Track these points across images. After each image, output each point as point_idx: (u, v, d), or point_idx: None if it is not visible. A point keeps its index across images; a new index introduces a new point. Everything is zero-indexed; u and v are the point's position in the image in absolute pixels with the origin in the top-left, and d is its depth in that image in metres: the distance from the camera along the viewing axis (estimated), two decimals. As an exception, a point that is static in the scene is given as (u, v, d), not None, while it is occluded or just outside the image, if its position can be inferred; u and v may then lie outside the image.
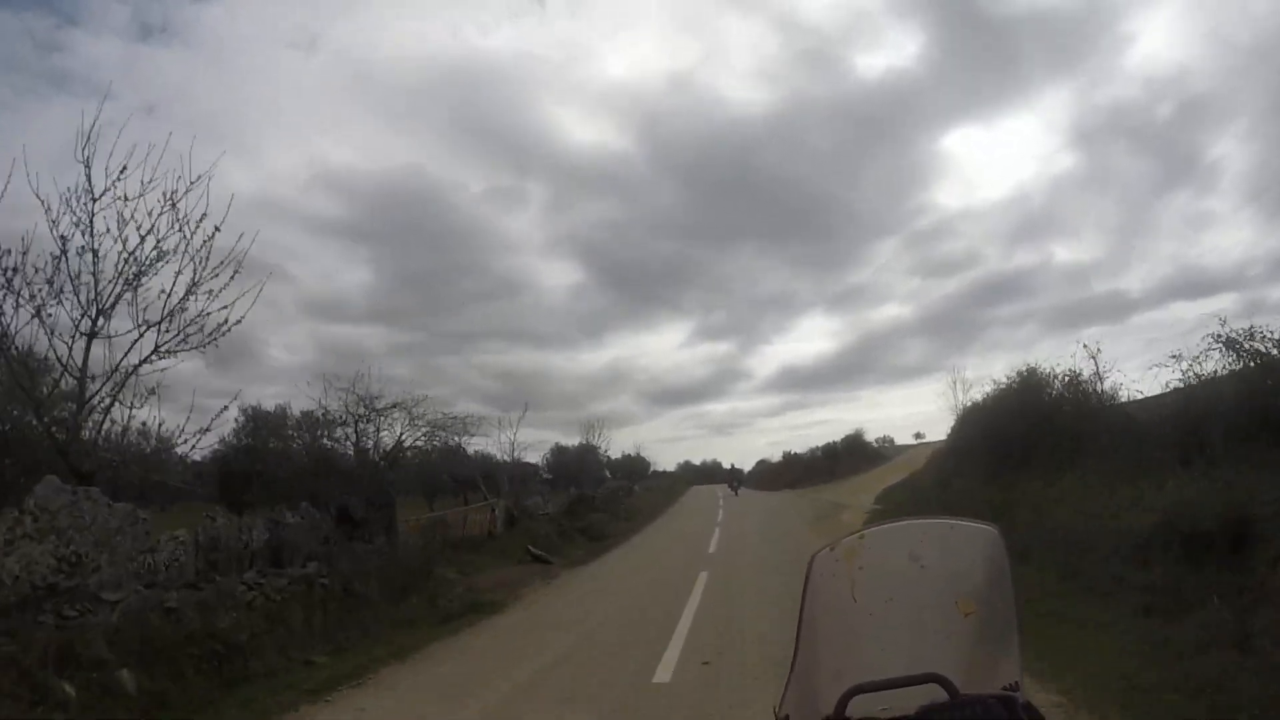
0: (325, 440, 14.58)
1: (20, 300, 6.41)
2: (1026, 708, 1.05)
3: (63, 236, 6.71)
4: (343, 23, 65.25)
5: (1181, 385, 9.09)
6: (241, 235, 7.95)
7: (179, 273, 7.02)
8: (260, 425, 15.36)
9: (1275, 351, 7.78)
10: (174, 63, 53.76)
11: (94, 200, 6.81)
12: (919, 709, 1.03)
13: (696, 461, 63.75)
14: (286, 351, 50.45)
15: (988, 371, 72.01)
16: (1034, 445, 10.71)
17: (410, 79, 67.57)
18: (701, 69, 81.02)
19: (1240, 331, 8.59)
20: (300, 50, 61.48)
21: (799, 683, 1.20)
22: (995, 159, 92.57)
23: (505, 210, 76.18)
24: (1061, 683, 4.40)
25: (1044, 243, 79.08)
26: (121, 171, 6.77)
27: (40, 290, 6.42)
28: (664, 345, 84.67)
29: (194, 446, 7.76)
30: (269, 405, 18.45)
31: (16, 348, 6.59)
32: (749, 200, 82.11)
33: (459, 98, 70.53)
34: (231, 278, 7.26)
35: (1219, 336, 8.53)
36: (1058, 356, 17.04)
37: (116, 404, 6.89)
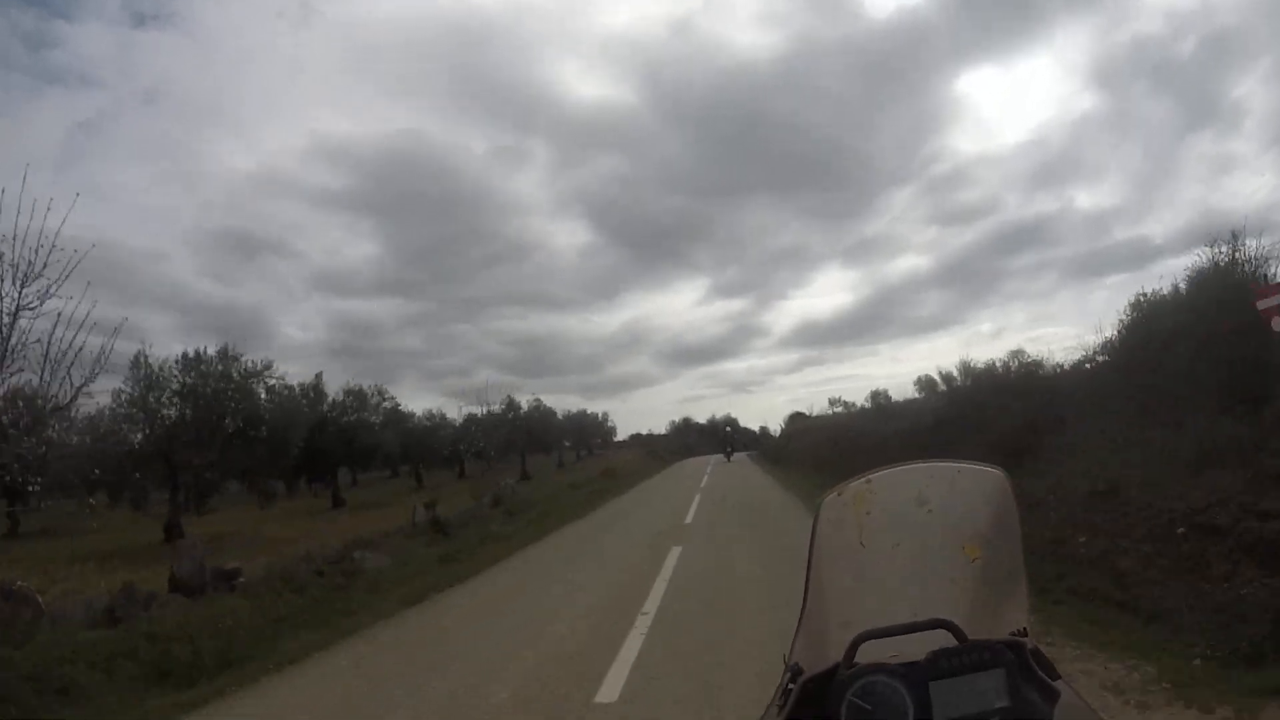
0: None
1: None
2: (1035, 653, 1.04)
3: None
4: None
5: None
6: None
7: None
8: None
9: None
10: (169, 48, 51.46)
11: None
12: (928, 654, 1.03)
13: (700, 419, 58.46)
14: (300, 329, 50.43)
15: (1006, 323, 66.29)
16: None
17: (404, 40, 62.43)
18: (703, 13, 75.15)
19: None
20: (291, 20, 57.87)
21: (808, 630, 1.18)
22: (1013, 101, 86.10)
23: (511, 171, 72.40)
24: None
25: (1064, 188, 74.57)
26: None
27: None
28: (680, 304, 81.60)
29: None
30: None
31: None
32: (759, 150, 77.28)
33: (455, 57, 65.40)
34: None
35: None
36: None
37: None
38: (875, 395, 27.04)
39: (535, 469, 32.39)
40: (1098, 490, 6.10)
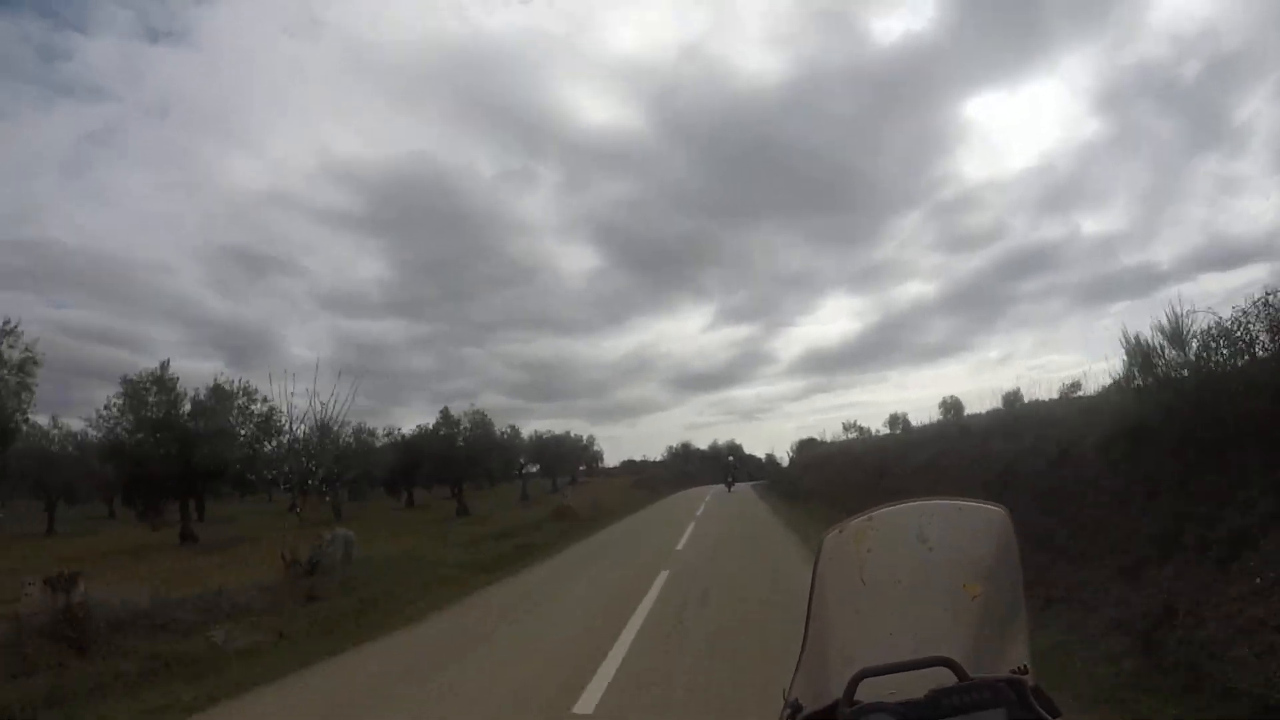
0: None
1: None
2: (1036, 691, 1.07)
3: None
4: (343, 7, 62.34)
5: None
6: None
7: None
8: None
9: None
10: (181, 64, 51.46)
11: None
12: (928, 692, 1.06)
13: (702, 445, 58.35)
14: (307, 348, 50.69)
15: (1013, 349, 68.19)
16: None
17: (414, 61, 65.81)
18: (713, 37, 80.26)
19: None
20: (302, 39, 61.57)
21: (808, 666, 1.24)
22: (1019, 125, 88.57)
23: (518, 194, 76.75)
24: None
25: (1071, 213, 76.02)
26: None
27: None
28: (687, 329, 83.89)
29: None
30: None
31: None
32: (767, 174, 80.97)
33: (465, 78, 69.63)
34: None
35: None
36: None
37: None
38: (894, 420, 26.04)
39: (491, 502, 29.91)
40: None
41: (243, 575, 9.33)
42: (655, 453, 56.10)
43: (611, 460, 51.01)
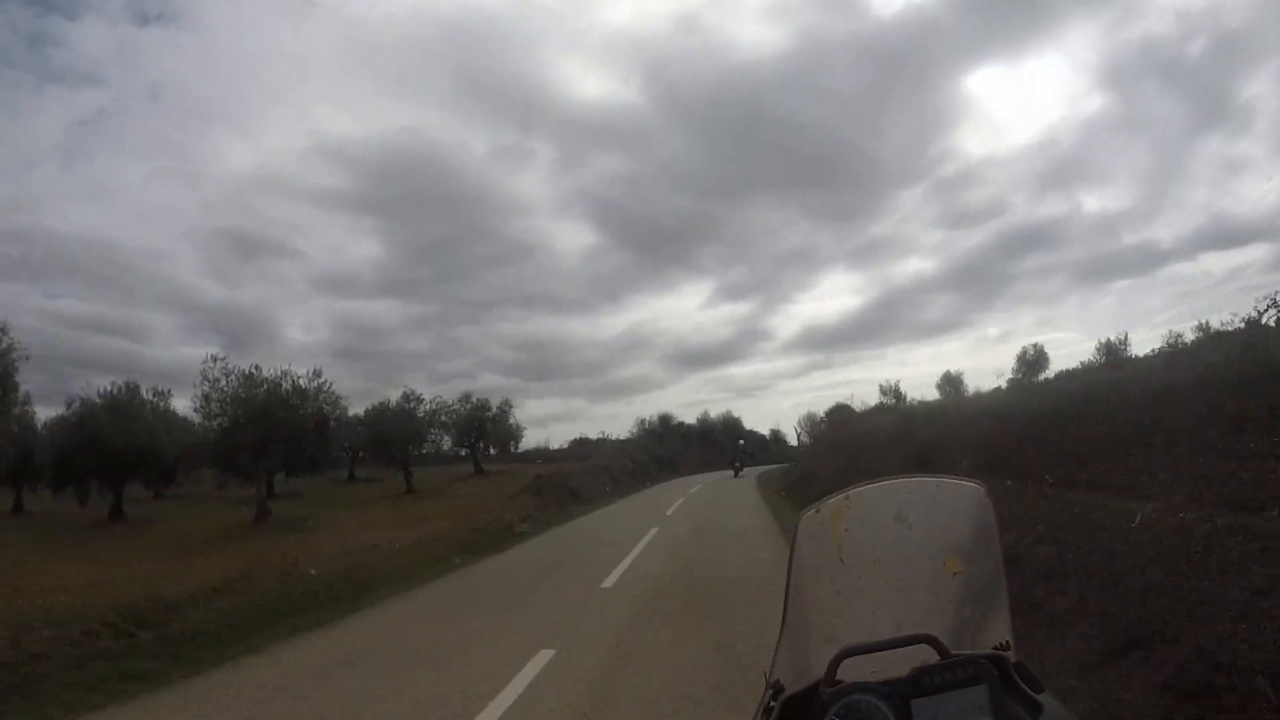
0: None
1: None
2: (1018, 667, 1.11)
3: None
4: None
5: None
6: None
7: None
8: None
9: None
10: (171, 47, 49.10)
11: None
12: (911, 670, 1.08)
13: (689, 419, 52.07)
14: (303, 331, 50.15)
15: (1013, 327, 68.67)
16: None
17: (405, 38, 62.42)
18: (709, 9, 77.42)
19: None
20: (293, 17, 56.10)
21: (788, 647, 1.27)
22: (1021, 101, 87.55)
23: (513, 171, 74.66)
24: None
25: (1072, 190, 76.56)
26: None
27: None
28: (684, 307, 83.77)
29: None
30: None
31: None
32: (765, 149, 78.93)
33: (456, 55, 66.50)
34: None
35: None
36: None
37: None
38: (949, 379, 25.95)
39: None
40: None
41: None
42: (623, 429, 43.72)
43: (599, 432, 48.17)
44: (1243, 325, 8.97)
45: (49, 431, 20.36)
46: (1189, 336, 13.10)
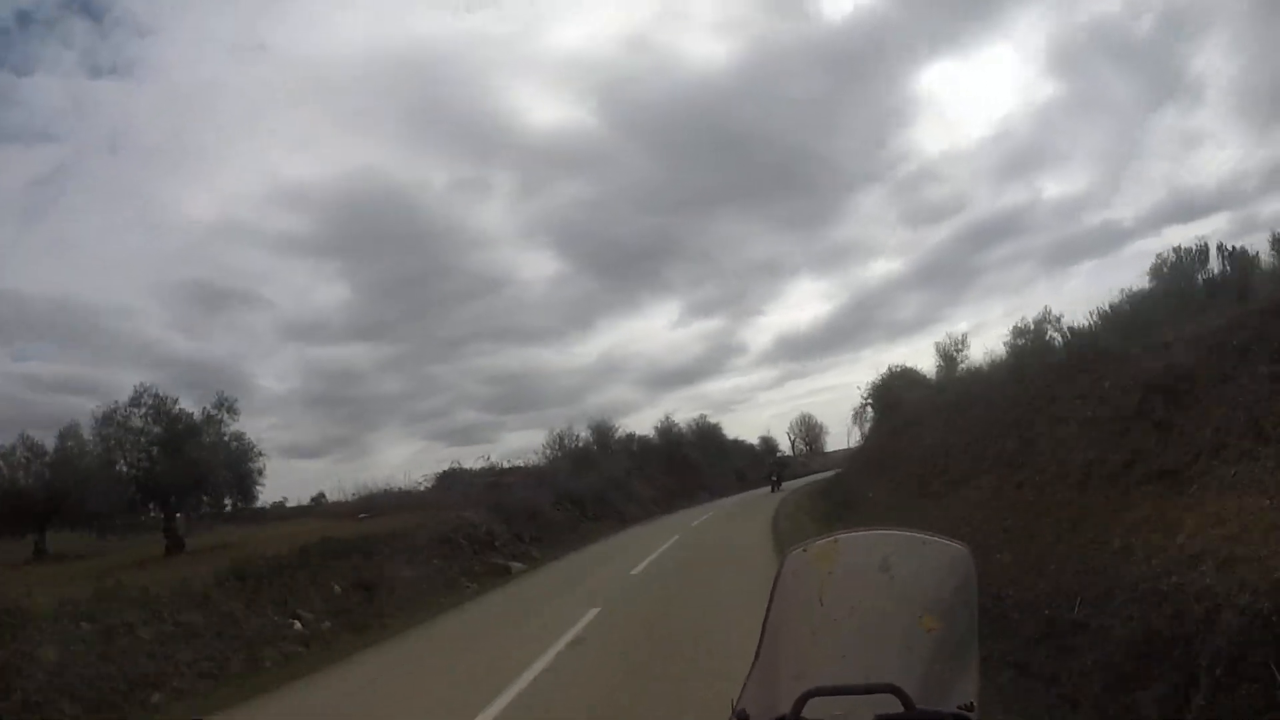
0: None
1: None
2: None
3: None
4: (286, 27, 63.54)
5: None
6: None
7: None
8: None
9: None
10: (126, 98, 54.37)
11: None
12: (875, 717, 1.17)
13: (644, 431, 41.80)
14: (276, 380, 48.00)
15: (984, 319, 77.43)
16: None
17: (356, 75, 65.71)
18: (658, 26, 78.83)
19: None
20: (246, 63, 60.08)
21: (759, 679, 1.34)
22: (975, 94, 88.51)
23: (474, 203, 75.46)
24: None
25: (1032, 178, 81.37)
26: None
27: None
28: (655, 327, 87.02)
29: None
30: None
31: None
32: (724, 161, 79.42)
33: (410, 89, 68.54)
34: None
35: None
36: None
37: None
38: (1045, 321, 16.95)
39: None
40: None
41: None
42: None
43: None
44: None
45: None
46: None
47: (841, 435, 62.68)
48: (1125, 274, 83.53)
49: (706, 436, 43.31)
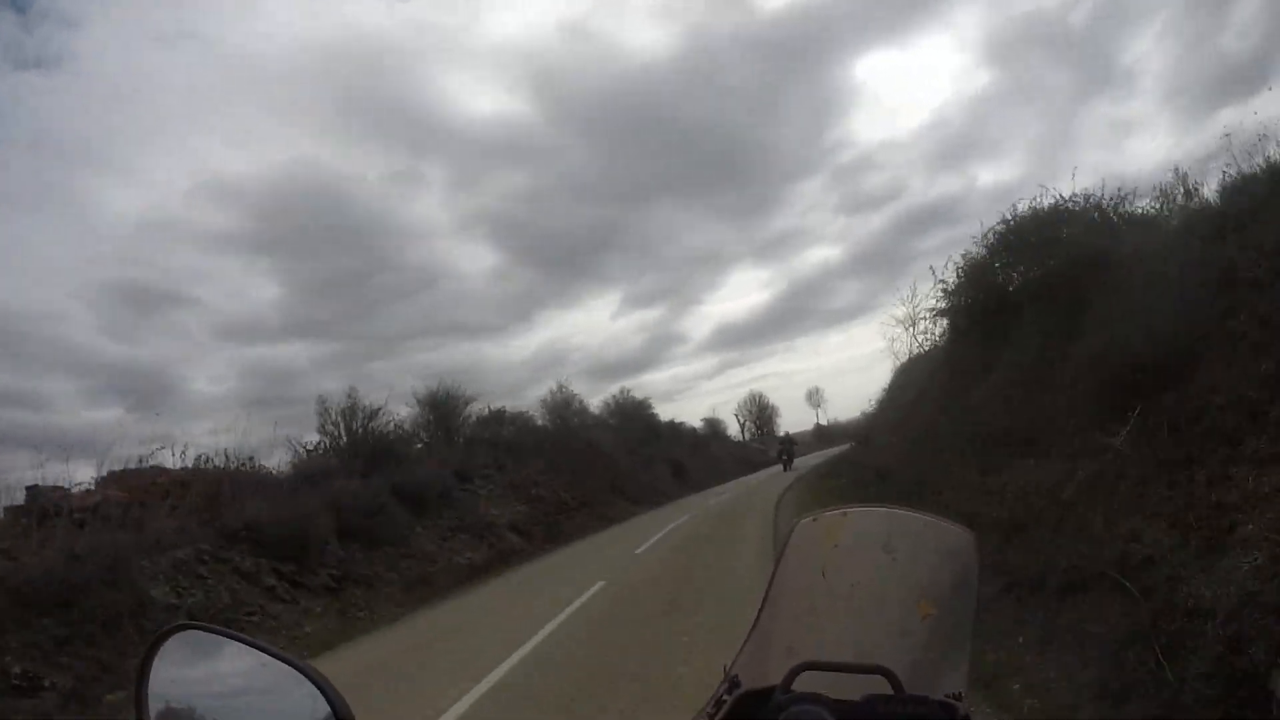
0: None
1: None
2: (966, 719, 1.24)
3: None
4: (216, 16, 64.41)
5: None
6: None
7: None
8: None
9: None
10: (53, 93, 52.28)
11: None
12: (863, 696, 1.17)
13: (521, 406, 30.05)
14: (210, 383, 43.38)
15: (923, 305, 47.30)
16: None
17: (288, 65, 64.65)
18: (595, 13, 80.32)
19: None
20: (175, 53, 58.60)
21: (754, 648, 1.35)
22: (911, 82, 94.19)
23: (409, 196, 75.06)
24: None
25: (967, 166, 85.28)
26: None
27: None
28: (596, 319, 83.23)
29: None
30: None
31: None
32: (663, 150, 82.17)
33: (342, 79, 67.16)
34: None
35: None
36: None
37: None
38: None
39: None
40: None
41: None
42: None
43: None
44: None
45: None
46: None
47: (793, 419, 65.02)
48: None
49: (630, 418, 31.37)
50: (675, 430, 39.67)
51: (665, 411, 58.37)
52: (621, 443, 29.44)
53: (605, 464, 25.78)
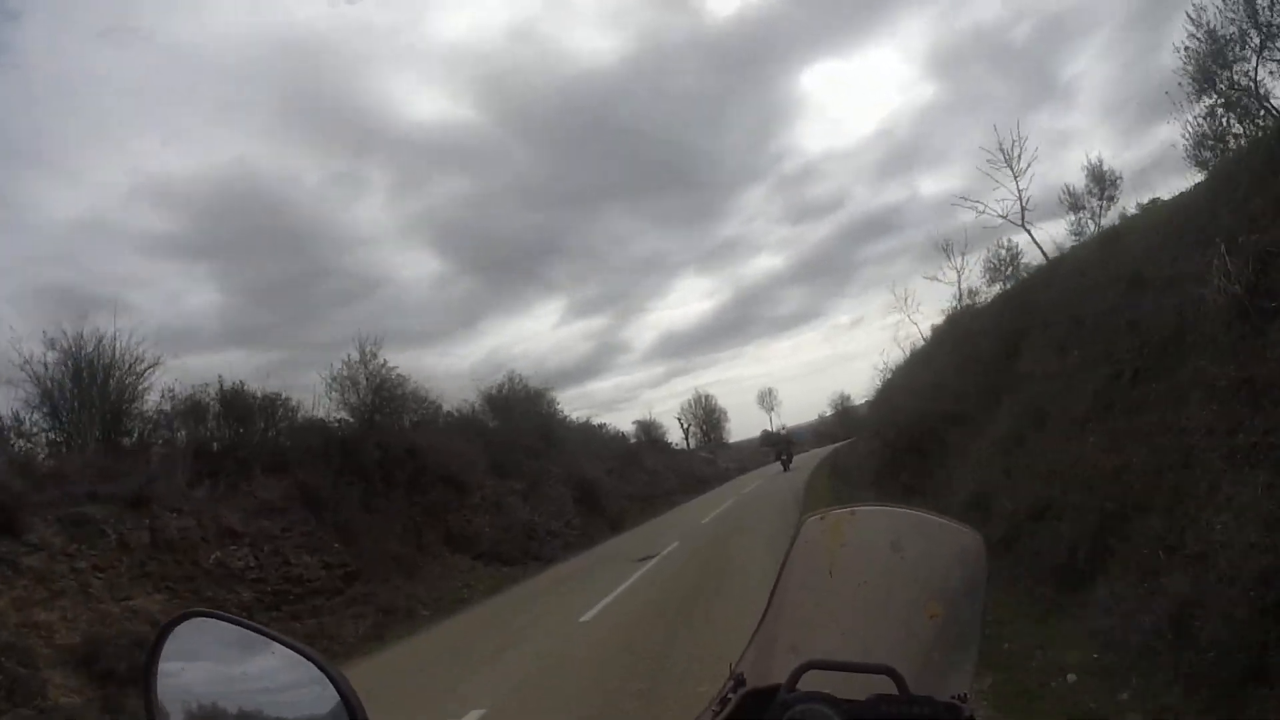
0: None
1: None
2: None
3: None
4: (159, 10, 60.45)
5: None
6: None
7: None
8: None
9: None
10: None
11: None
12: (869, 696, 1.19)
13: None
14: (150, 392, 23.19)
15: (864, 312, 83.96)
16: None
17: (230, 62, 60.16)
18: (544, 17, 68.63)
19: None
20: (113, 45, 55.32)
21: (759, 645, 1.37)
22: (858, 93, 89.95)
23: (351, 200, 69.06)
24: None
25: (911, 176, 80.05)
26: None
27: None
28: (540, 327, 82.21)
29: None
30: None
31: None
32: (610, 157, 69.82)
33: (285, 78, 63.66)
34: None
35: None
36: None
37: None
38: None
39: None
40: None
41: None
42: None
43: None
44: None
45: None
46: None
47: (742, 424, 65.16)
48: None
49: (516, 415, 21.66)
50: (591, 435, 30.41)
51: (613, 421, 51.91)
52: (493, 452, 19.12)
53: (440, 493, 15.53)
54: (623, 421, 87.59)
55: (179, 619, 1.08)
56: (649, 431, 37.88)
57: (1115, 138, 60.33)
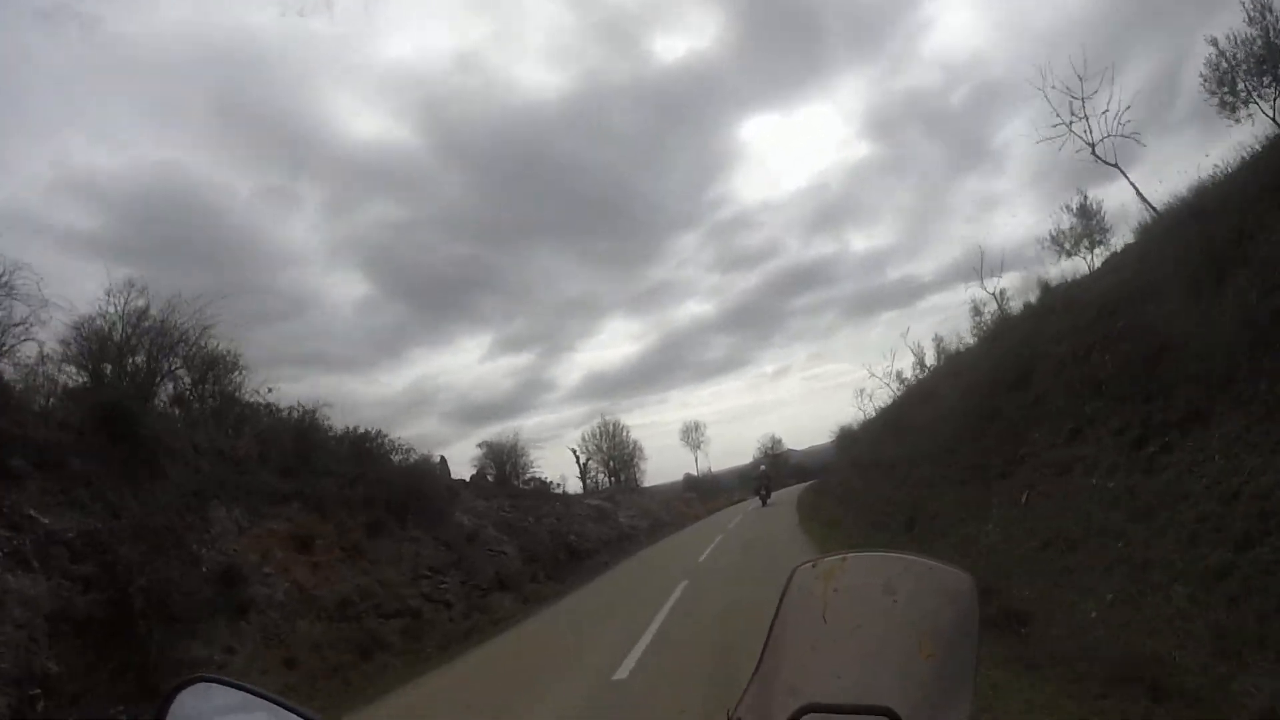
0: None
1: None
2: None
3: None
4: None
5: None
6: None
7: None
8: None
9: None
10: None
11: None
12: None
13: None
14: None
15: (789, 362, 71.26)
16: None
17: (168, 58, 58.60)
18: (491, 47, 63.07)
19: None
20: (47, 30, 58.75)
21: (757, 690, 1.42)
22: (794, 147, 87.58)
23: (281, 216, 68.24)
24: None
25: (842, 231, 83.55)
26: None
27: None
28: (465, 360, 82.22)
29: None
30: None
31: None
32: (545, 193, 71.43)
33: (222, 82, 61.95)
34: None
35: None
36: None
37: None
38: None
39: None
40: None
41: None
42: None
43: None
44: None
45: None
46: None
47: (663, 469, 59.43)
48: (922, 325, 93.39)
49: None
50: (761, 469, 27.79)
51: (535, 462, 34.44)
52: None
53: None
54: (544, 461, 70.30)
55: (184, 684, 1.06)
56: (502, 462, 25.59)
57: (1041, 204, 60.28)
